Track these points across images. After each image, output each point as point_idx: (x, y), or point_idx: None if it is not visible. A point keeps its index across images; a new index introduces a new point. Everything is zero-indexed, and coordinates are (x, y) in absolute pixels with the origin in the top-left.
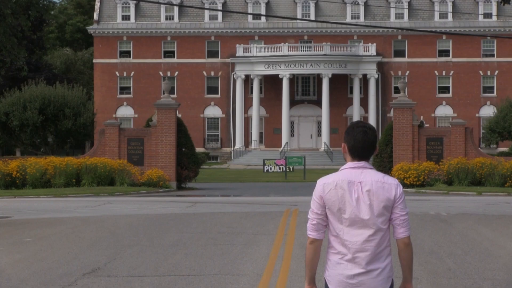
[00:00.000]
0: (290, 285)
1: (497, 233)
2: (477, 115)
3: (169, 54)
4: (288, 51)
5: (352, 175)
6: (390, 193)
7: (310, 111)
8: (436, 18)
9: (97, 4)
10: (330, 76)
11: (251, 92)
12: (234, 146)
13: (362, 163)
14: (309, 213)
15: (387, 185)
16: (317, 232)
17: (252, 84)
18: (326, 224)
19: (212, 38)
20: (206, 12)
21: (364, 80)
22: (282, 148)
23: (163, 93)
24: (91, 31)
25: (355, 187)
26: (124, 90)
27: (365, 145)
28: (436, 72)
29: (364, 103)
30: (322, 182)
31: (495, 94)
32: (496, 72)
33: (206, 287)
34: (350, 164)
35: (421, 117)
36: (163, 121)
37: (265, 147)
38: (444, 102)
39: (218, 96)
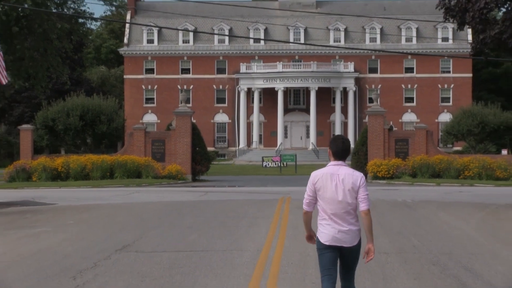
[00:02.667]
0: (285, 257)
1: (453, 217)
2: (436, 120)
3: (185, 71)
4: (282, 68)
5: (334, 170)
6: (356, 181)
7: (300, 117)
8: (403, 41)
9: (127, 30)
10: (316, 89)
11: (252, 102)
12: (238, 146)
13: (340, 162)
14: (305, 195)
15: (355, 176)
16: (309, 207)
17: (253, 95)
18: (315, 202)
19: (221, 58)
20: (216, 37)
21: (344, 92)
22: (277, 147)
23: (181, 103)
24: (122, 52)
25: (335, 177)
26: (148, 100)
27: (343, 150)
28: (403, 85)
29: (344, 110)
30: (314, 174)
31: (451, 103)
32: (452, 85)
33: (216, 261)
34: (332, 162)
35: (391, 122)
36: (181, 126)
37: (264, 146)
38: (409, 110)
39: (225, 105)
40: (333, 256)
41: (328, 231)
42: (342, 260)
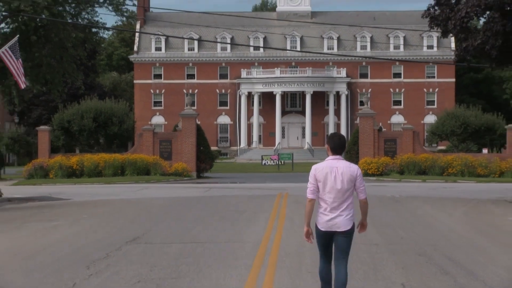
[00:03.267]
0: (282, 248)
1: (437, 211)
2: (422, 122)
3: (190, 76)
4: (280, 74)
5: (332, 163)
6: (353, 173)
7: (296, 119)
8: (391, 49)
9: (136, 39)
10: (311, 92)
11: (252, 105)
12: (239, 145)
13: (338, 156)
14: (308, 184)
15: (352, 168)
16: (313, 194)
17: (253, 99)
18: (318, 190)
19: (223, 64)
20: (219, 45)
21: (337, 95)
22: (275, 146)
23: (186, 106)
24: (132, 59)
25: (334, 170)
26: (157, 103)
27: (340, 146)
28: (391, 89)
29: (337, 113)
30: (315, 167)
31: (435, 106)
32: (437, 89)
33: (219, 251)
34: (331, 157)
35: (380, 124)
36: (186, 127)
37: (263, 146)
38: (397, 112)
39: (228, 108)
40: (328, 240)
41: (325, 219)
42: (337, 244)
